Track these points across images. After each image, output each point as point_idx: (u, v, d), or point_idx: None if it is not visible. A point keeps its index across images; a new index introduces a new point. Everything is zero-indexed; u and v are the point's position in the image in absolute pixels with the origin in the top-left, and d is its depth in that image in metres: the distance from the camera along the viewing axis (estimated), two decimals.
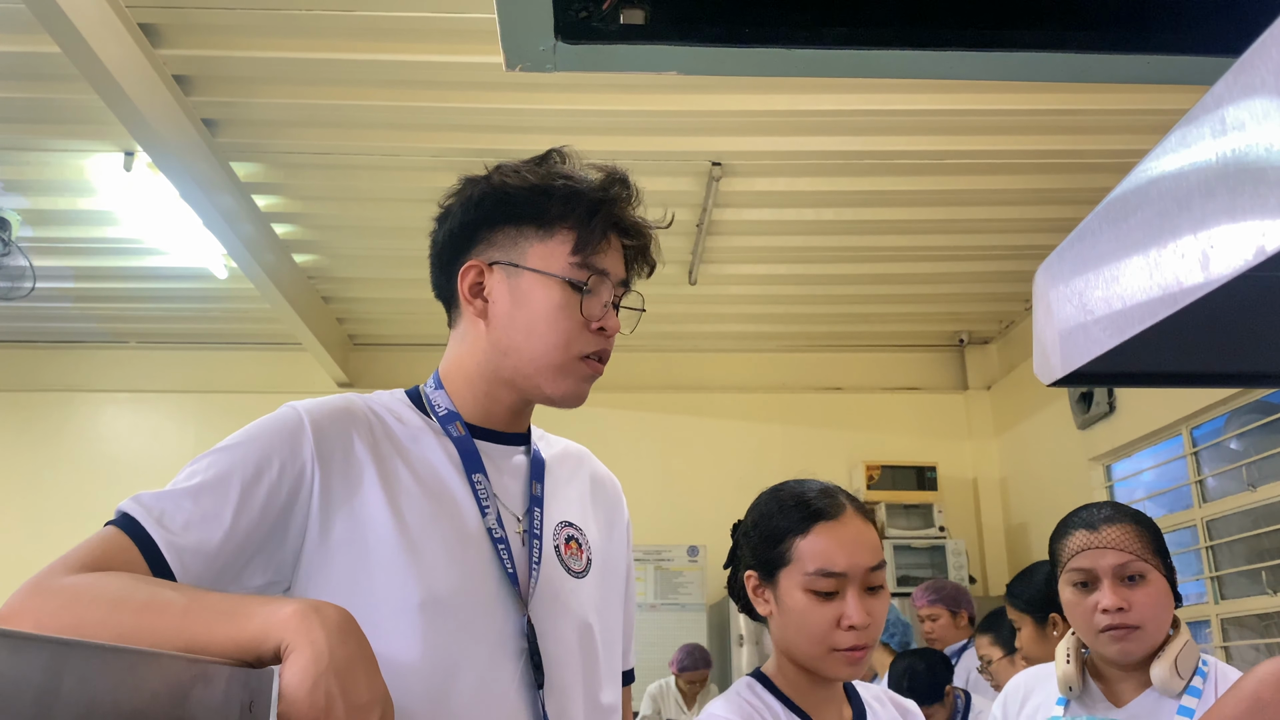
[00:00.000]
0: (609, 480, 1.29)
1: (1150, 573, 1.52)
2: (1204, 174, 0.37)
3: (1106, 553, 1.52)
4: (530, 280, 1.09)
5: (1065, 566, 1.57)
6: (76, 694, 0.51)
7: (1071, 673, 1.58)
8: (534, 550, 1.09)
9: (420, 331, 6.11)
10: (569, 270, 1.09)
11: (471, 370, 1.14)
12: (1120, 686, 1.57)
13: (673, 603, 5.87)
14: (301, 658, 0.77)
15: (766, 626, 1.39)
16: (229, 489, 0.97)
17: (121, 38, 3.23)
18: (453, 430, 1.12)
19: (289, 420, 1.04)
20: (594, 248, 1.09)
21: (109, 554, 0.91)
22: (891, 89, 3.84)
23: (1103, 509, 1.59)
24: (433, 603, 1.00)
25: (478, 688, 1.00)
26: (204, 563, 0.94)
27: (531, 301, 1.09)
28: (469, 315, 1.14)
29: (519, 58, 0.80)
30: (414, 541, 1.02)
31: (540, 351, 1.09)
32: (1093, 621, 1.52)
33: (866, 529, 1.31)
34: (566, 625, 1.09)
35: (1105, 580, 1.52)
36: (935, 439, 6.37)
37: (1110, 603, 1.50)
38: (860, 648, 1.25)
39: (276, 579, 1.00)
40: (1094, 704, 1.57)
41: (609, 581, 1.20)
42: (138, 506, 0.95)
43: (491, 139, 4.06)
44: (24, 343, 6.33)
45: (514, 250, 1.11)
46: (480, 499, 1.08)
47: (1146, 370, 0.52)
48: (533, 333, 1.09)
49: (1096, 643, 1.54)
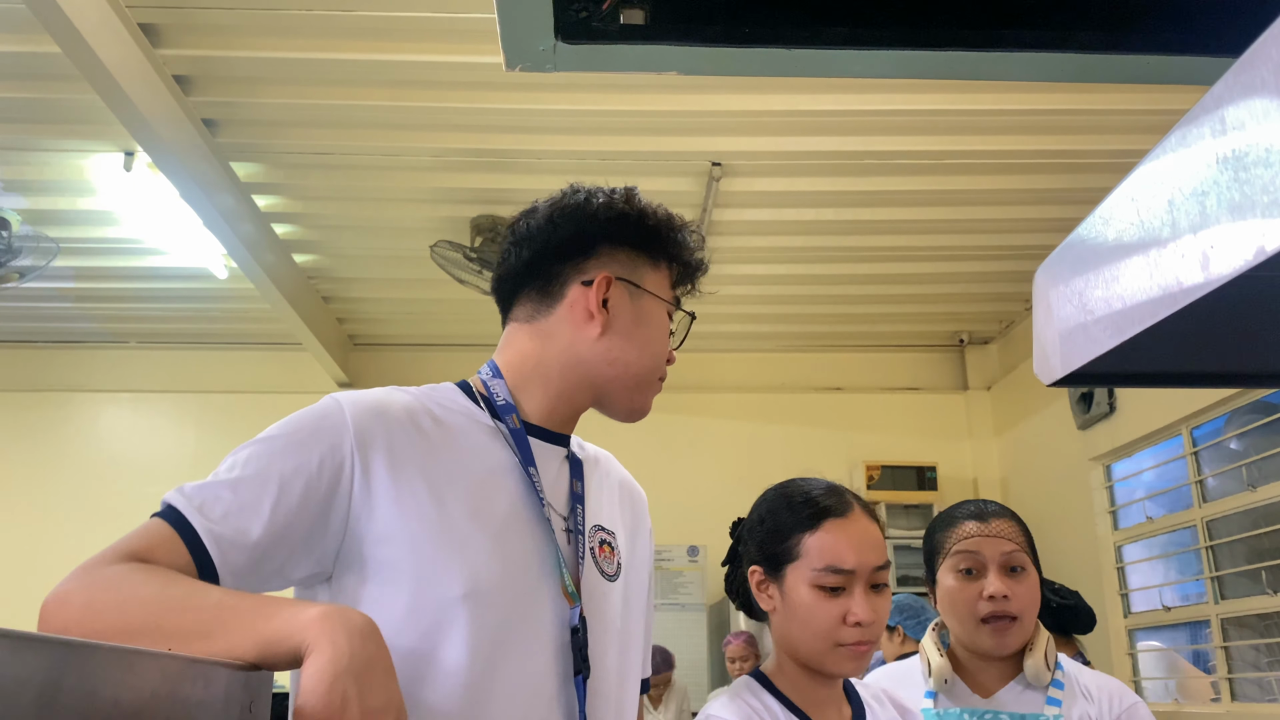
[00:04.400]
0: (635, 488, 1.32)
1: (1029, 566, 1.59)
2: (1204, 174, 0.37)
3: (996, 541, 1.59)
4: (651, 303, 1.21)
5: (950, 553, 1.62)
6: (76, 694, 0.52)
7: (945, 665, 1.63)
8: (579, 546, 1.12)
9: (420, 331, 6.11)
10: (673, 301, 1.24)
11: (552, 368, 1.16)
12: (983, 678, 1.62)
13: (673, 603, 5.87)
14: (321, 657, 0.78)
15: (767, 624, 1.39)
16: (268, 480, 0.98)
17: (121, 38, 3.23)
18: (509, 422, 1.13)
19: (330, 412, 1.05)
20: (687, 287, 1.27)
21: (153, 543, 0.93)
22: (891, 89, 3.84)
23: (989, 503, 1.67)
24: (475, 594, 1.01)
25: (519, 679, 1.02)
26: (243, 553, 0.95)
27: (650, 321, 1.20)
28: (575, 318, 1.16)
29: (519, 58, 0.80)
30: (458, 533, 1.03)
31: (646, 368, 1.19)
32: (975, 609, 1.57)
33: (873, 527, 1.33)
34: (601, 626, 1.11)
35: (992, 568, 1.58)
36: (935, 439, 6.37)
37: (997, 589, 1.55)
38: (865, 643, 1.27)
39: (318, 570, 1.02)
40: (959, 696, 1.62)
41: (634, 588, 1.22)
42: (180, 497, 0.96)
43: (491, 139, 4.07)
44: (24, 343, 6.33)
45: (635, 272, 1.20)
46: (537, 490, 1.10)
47: (1146, 370, 0.52)
48: (646, 349, 1.19)
49: (976, 633, 1.59)
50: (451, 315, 5.81)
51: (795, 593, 1.30)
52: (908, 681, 1.67)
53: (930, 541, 1.69)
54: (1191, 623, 4.56)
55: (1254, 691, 4.11)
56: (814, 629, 1.28)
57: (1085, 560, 5.15)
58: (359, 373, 6.31)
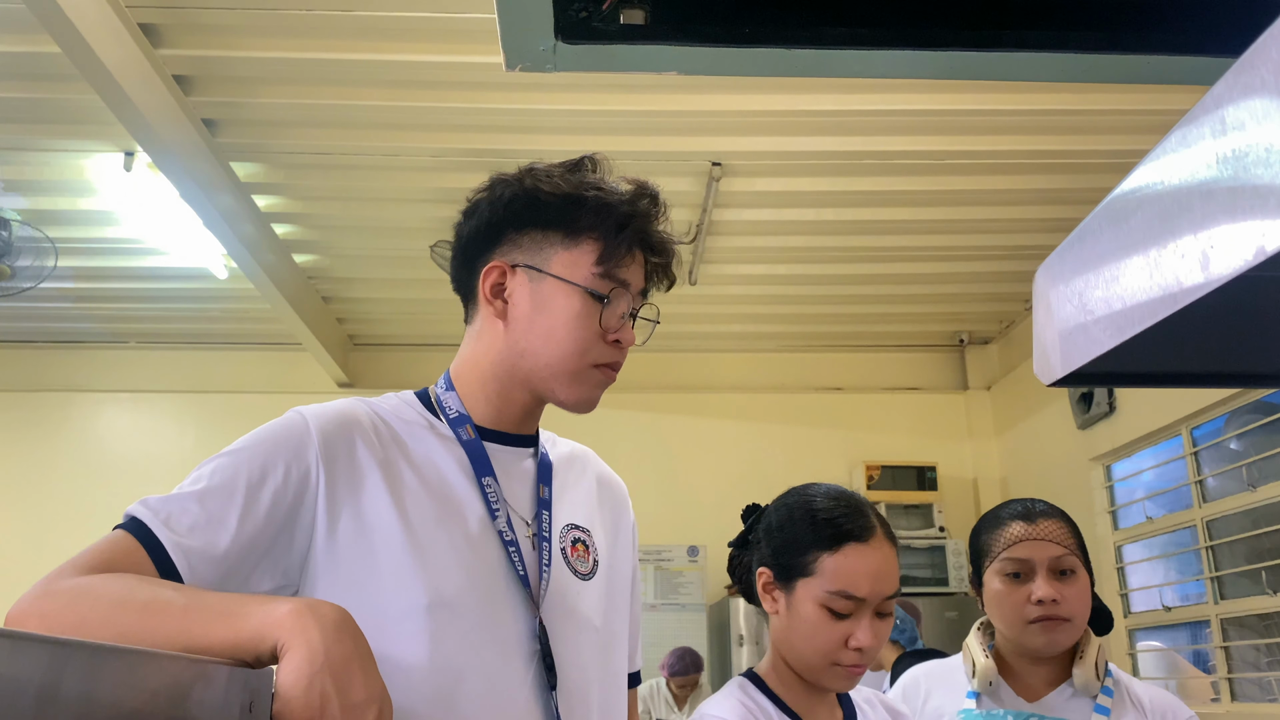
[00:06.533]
0: (615, 482, 1.29)
1: (1079, 568, 1.55)
2: (1204, 174, 0.37)
3: (1044, 544, 1.55)
4: (553, 286, 1.10)
5: (998, 557, 1.57)
6: (76, 694, 0.51)
7: (991, 667, 1.59)
8: (544, 553, 1.10)
9: (420, 331, 6.11)
10: (591, 280, 1.10)
11: (485, 369, 1.14)
12: (1030, 682, 1.58)
13: (673, 603, 5.87)
14: (296, 656, 0.77)
15: (765, 620, 1.39)
16: (234, 492, 0.98)
17: (121, 38, 3.23)
18: (463, 434, 1.12)
19: (294, 425, 1.05)
20: (618, 260, 1.10)
21: (117, 556, 0.91)
22: (891, 89, 3.84)
23: (1037, 503, 1.62)
24: (440, 605, 1.00)
25: (487, 690, 1.00)
26: (211, 565, 0.94)
27: (552, 308, 1.10)
28: (487, 314, 1.15)
29: (519, 58, 0.80)
30: (421, 544, 1.02)
31: (556, 358, 1.10)
32: (1024, 612, 1.53)
33: (891, 555, 1.32)
34: (575, 628, 1.09)
35: (1040, 571, 1.54)
36: (935, 439, 6.37)
37: (1046, 593, 1.51)
38: (861, 666, 1.28)
39: (285, 583, 1.01)
40: (1004, 699, 1.58)
41: (615, 584, 1.20)
42: (145, 510, 0.95)
43: (491, 139, 4.06)
44: (24, 343, 6.33)
45: (539, 255, 1.11)
46: (490, 502, 1.08)
47: (1146, 370, 0.52)
48: (551, 339, 1.10)
49: (1024, 633, 1.55)
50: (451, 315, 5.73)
51: (802, 607, 1.30)
52: (950, 680, 1.64)
53: (976, 542, 1.64)
54: (1191, 623, 4.55)
55: (1254, 691, 4.11)
56: (815, 646, 1.28)
57: None
58: (359, 373, 6.30)
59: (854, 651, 1.26)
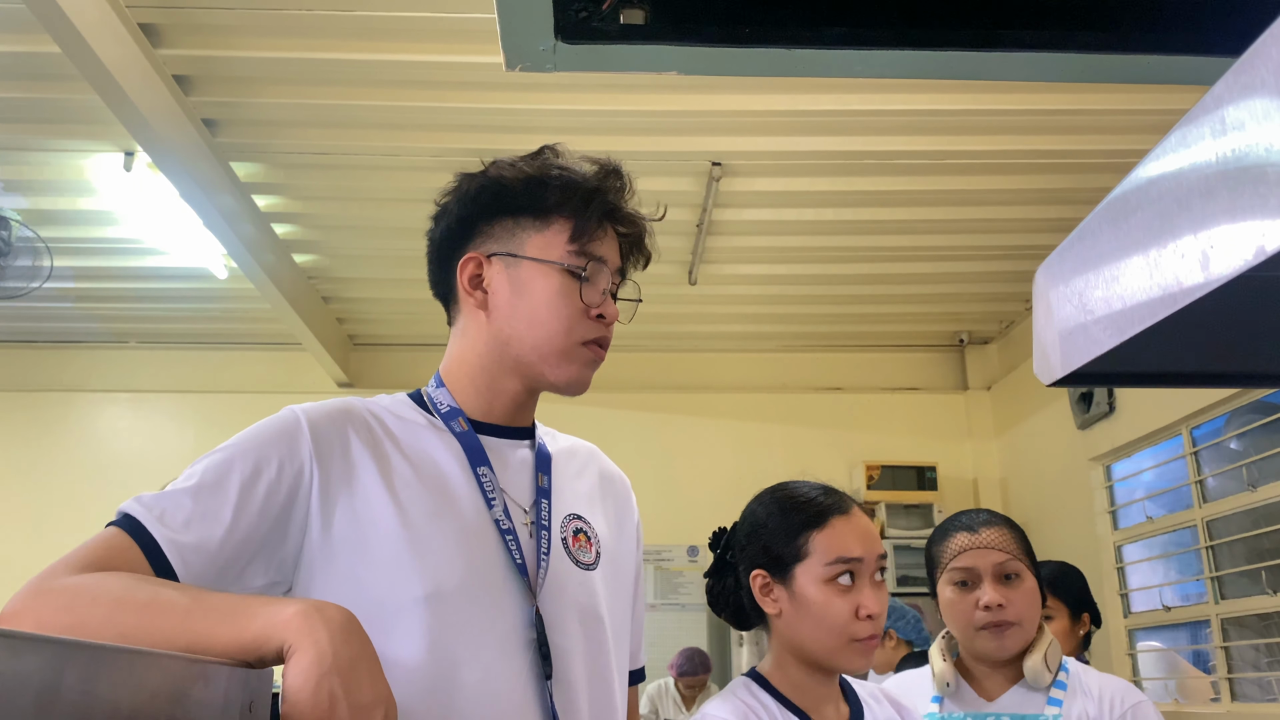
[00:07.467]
0: (619, 478, 1.30)
1: (1024, 572, 1.62)
2: (1204, 174, 0.37)
3: (987, 552, 1.62)
4: (529, 269, 1.11)
5: (946, 567, 1.66)
6: (76, 694, 0.51)
7: (948, 670, 1.67)
8: (542, 542, 1.10)
9: (420, 331, 6.10)
10: (567, 258, 1.11)
11: (473, 364, 1.15)
12: (989, 683, 1.66)
13: (673, 603, 5.87)
14: (305, 658, 0.77)
15: (765, 629, 1.40)
16: (228, 488, 0.98)
17: (121, 38, 3.23)
18: (455, 426, 1.12)
19: (288, 421, 1.06)
20: (590, 235, 1.12)
21: (111, 554, 0.91)
22: (891, 89, 3.84)
23: (980, 514, 1.70)
24: (437, 596, 1.00)
25: (484, 680, 1.00)
26: (205, 561, 0.94)
27: (532, 290, 1.11)
28: (469, 308, 1.15)
29: (519, 58, 0.80)
30: (417, 536, 1.02)
31: (543, 338, 1.10)
32: (973, 618, 1.61)
33: (871, 524, 1.39)
34: (574, 617, 1.09)
35: (986, 579, 1.61)
36: (935, 439, 6.37)
37: (991, 599, 1.59)
38: (875, 637, 1.31)
39: (278, 579, 1.01)
40: (966, 701, 1.66)
41: (618, 577, 1.20)
42: (138, 506, 0.95)
43: (491, 139, 4.06)
44: (24, 343, 6.33)
45: (512, 241, 1.13)
46: (486, 492, 1.08)
47: (1146, 370, 0.52)
48: (534, 321, 1.11)
49: (975, 639, 1.62)
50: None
51: (806, 591, 1.32)
52: (917, 690, 1.70)
53: (929, 555, 1.73)
54: (1191, 623, 4.55)
55: (1254, 691, 4.11)
56: (828, 625, 1.30)
57: (1085, 560, 5.11)
58: (359, 373, 6.30)
59: (865, 621, 1.30)
